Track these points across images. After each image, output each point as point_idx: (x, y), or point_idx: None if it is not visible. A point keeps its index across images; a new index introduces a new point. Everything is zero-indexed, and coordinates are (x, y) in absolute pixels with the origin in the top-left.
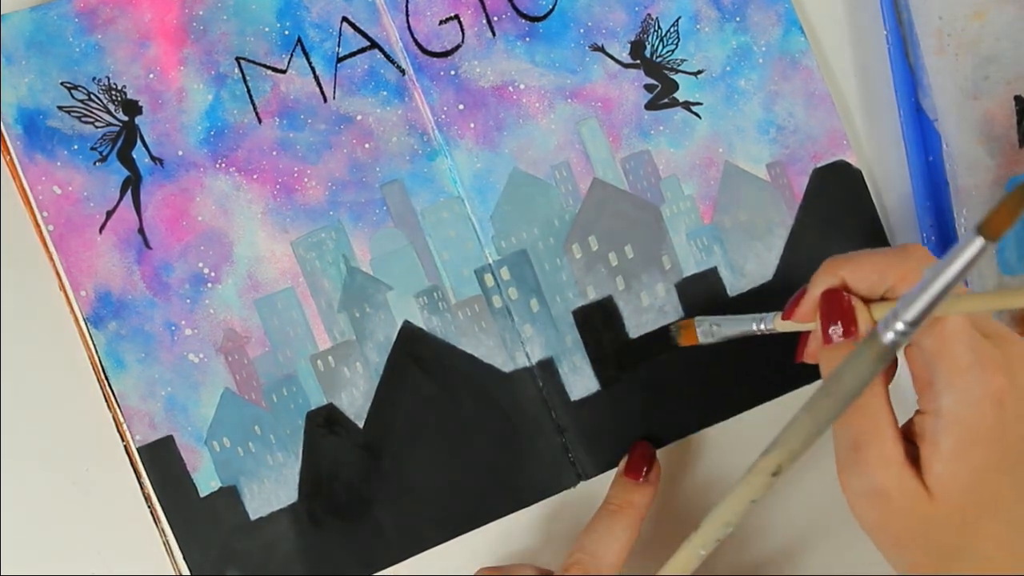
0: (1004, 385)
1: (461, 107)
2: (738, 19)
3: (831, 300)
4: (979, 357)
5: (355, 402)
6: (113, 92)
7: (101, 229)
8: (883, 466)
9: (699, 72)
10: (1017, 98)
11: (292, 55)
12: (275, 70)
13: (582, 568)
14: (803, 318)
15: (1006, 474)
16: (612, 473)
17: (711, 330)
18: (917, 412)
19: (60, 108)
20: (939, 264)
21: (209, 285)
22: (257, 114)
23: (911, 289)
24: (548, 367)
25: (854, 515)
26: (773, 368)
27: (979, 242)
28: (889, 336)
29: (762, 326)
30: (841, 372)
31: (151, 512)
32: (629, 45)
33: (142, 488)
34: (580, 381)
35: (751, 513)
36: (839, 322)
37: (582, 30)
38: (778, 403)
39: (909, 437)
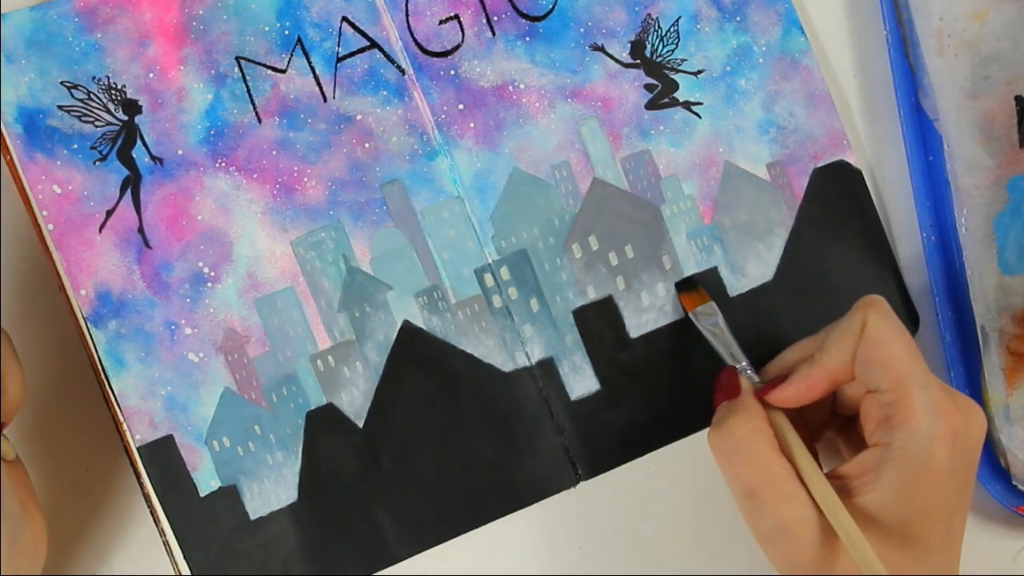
0: (956, 430)
1: (461, 107)
2: (738, 19)
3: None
4: (935, 401)
5: (355, 402)
6: (113, 91)
7: (101, 228)
8: (781, 503)
9: (699, 72)
10: (1017, 98)
11: (292, 55)
12: (275, 70)
13: None
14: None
15: (938, 521)
16: (612, 473)
17: (713, 329)
18: (863, 450)
19: (60, 107)
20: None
21: (209, 285)
22: (257, 114)
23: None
24: (548, 367)
25: (769, 560)
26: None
27: None
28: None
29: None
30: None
31: (151, 512)
32: (629, 45)
33: (142, 488)
34: (580, 381)
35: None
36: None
37: (582, 30)
38: None
39: (838, 475)
